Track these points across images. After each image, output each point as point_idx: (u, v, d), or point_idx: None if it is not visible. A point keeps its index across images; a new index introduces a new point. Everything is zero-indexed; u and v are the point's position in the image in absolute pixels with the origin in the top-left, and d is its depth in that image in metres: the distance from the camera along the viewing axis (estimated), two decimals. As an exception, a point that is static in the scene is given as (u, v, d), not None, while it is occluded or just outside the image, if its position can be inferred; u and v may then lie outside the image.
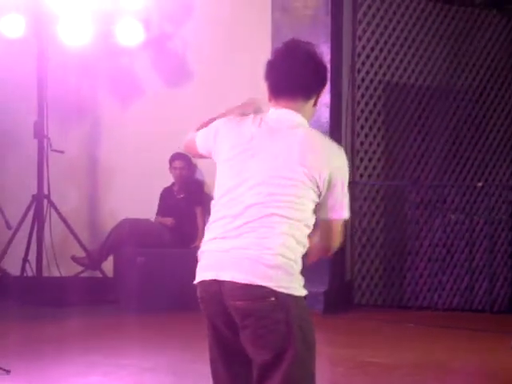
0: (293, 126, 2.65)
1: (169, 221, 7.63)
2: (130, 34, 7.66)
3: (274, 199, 2.54)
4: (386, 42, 7.90)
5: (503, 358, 5.37)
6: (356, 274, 7.74)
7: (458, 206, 8.25)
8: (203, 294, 2.63)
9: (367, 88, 7.79)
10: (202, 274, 2.63)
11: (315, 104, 2.71)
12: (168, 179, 7.80)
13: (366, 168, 7.81)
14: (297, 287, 2.56)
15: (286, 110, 2.68)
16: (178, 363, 5.27)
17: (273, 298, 2.51)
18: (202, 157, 2.86)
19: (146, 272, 7.08)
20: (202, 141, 2.80)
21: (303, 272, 2.61)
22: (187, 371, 5.07)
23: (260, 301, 2.51)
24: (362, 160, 7.77)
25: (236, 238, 2.54)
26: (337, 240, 2.69)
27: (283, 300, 2.51)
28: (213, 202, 2.66)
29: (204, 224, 7.73)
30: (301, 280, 2.58)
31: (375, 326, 6.92)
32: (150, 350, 5.60)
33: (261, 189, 2.55)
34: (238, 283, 2.52)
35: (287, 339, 2.51)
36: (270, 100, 2.73)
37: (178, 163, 7.72)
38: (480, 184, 8.26)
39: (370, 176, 7.85)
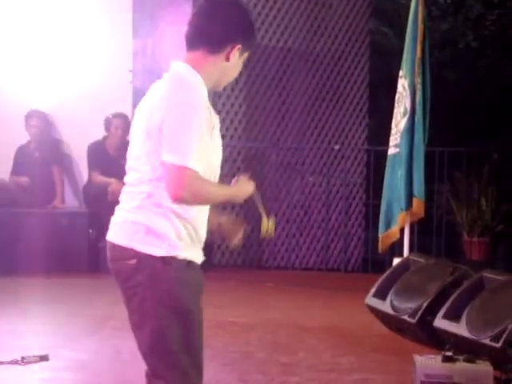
0: (165, 77, 2.57)
1: (24, 180, 7.39)
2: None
3: (138, 163, 2.54)
4: (247, 3, 7.90)
5: (355, 315, 5.57)
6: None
7: (316, 169, 8.44)
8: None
9: (229, 49, 7.78)
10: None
11: (228, 59, 2.54)
12: (24, 137, 7.53)
13: (227, 129, 7.84)
14: (164, 248, 2.49)
15: (175, 63, 2.57)
16: (34, 326, 5.15)
17: (134, 260, 2.49)
18: None
19: (-1, 233, 6.84)
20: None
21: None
22: (43, 334, 4.96)
23: (123, 262, 2.50)
24: (223, 121, 7.78)
25: (121, 202, 2.60)
26: (174, 188, 2.42)
27: (146, 262, 2.48)
28: None
29: (61, 183, 7.55)
30: (173, 240, 2.49)
31: (235, 285, 7.01)
32: (5, 312, 5.44)
33: (132, 154, 2.58)
34: (110, 243, 2.56)
35: (147, 303, 2.48)
36: None
37: (34, 121, 7.47)
38: (337, 147, 8.48)
39: (231, 137, 7.89)
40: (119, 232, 2.53)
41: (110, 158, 7.15)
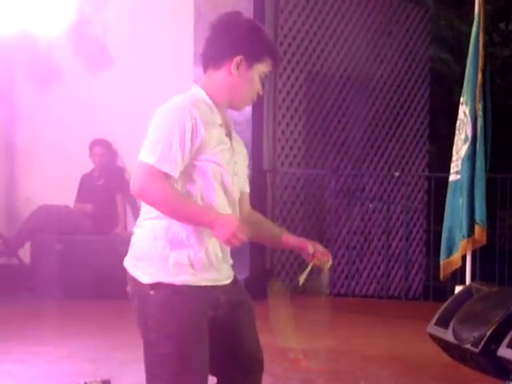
0: None
1: (88, 207, 7.54)
2: (50, 19, 7.52)
3: None
4: (307, 32, 7.96)
5: (417, 343, 5.50)
6: (276, 262, 7.80)
7: (376, 195, 8.40)
8: None
9: (289, 77, 7.84)
10: None
11: (230, 72, 2.50)
12: (88, 165, 7.69)
13: (286, 156, 7.87)
14: (149, 273, 2.47)
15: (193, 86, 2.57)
16: (96, 351, 5.23)
17: (131, 283, 2.54)
18: None
19: (63, 259, 6.98)
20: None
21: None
22: (106, 359, 5.03)
23: (128, 285, 2.56)
24: (283, 148, 7.83)
25: None
26: (133, 181, 2.41)
27: (136, 287, 2.50)
28: None
29: (124, 211, 7.67)
30: (158, 265, 2.46)
31: (295, 312, 6.99)
32: (68, 337, 5.53)
33: None
34: None
35: (141, 327, 2.52)
36: None
37: (98, 149, 7.63)
38: (397, 173, 8.44)
39: (290, 164, 7.92)
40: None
41: None
